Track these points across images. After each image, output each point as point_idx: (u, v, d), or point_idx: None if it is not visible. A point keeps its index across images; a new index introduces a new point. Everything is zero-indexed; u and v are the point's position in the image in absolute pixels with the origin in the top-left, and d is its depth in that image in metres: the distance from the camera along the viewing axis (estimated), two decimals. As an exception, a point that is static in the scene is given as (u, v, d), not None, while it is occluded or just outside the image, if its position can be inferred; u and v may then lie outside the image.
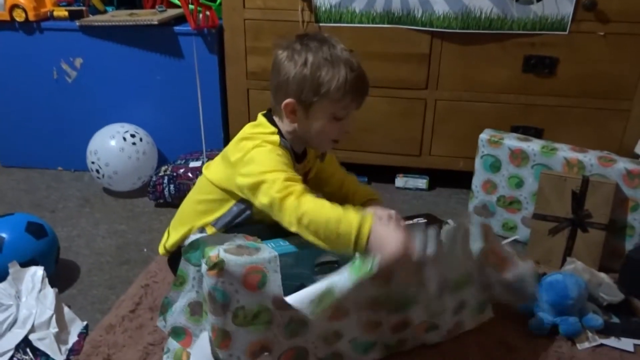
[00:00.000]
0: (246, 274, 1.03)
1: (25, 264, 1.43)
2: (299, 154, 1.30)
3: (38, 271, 1.41)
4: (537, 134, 1.92)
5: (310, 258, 1.13)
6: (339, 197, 1.37)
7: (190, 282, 1.16)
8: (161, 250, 1.43)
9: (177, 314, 1.19)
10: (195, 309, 1.17)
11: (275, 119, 1.26)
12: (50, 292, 1.38)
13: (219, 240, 1.10)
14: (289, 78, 1.16)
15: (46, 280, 1.41)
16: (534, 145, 1.72)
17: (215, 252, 1.03)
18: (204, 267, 1.04)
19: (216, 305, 1.05)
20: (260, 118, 1.27)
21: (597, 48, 1.81)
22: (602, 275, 1.48)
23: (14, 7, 2.05)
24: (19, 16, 2.06)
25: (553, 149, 1.70)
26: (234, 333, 1.07)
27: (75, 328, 1.38)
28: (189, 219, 1.34)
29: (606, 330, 1.36)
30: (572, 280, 1.37)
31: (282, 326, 1.10)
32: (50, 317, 1.33)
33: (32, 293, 1.37)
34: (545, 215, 1.65)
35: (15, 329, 1.30)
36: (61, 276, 1.61)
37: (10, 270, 1.39)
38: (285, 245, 1.12)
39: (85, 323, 1.40)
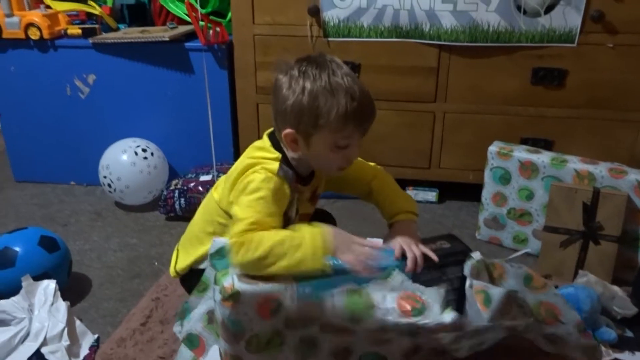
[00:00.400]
0: (261, 303, 1.02)
1: (38, 278, 1.45)
2: (304, 176, 1.24)
3: (50, 284, 1.43)
4: (547, 145, 1.92)
5: (332, 284, 1.08)
6: (368, 195, 1.33)
7: (212, 289, 1.13)
8: (172, 272, 1.38)
9: (195, 321, 1.18)
10: (213, 318, 1.15)
11: (282, 144, 1.21)
12: (62, 305, 1.39)
13: None
14: (287, 108, 1.11)
15: (58, 293, 1.43)
16: (543, 157, 1.72)
17: (230, 282, 1.01)
18: (217, 296, 1.03)
19: (229, 333, 1.04)
20: (265, 140, 1.22)
21: (605, 59, 1.81)
22: (615, 288, 1.46)
23: (29, 25, 2.09)
24: (34, 34, 2.10)
25: (563, 161, 1.69)
26: (247, 359, 1.07)
27: (87, 341, 1.39)
28: (198, 240, 1.31)
29: (620, 344, 1.34)
30: (584, 293, 1.36)
31: (292, 347, 1.09)
32: (62, 330, 1.34)
33: (45, 306, 1.39)
34: (556, 227, 1.64)
35: (27, 342, 1.32)
36: (73, 289, 1.62)
37: (23, 284, 1.41)
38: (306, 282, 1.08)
39: (96, 336, 1.41)
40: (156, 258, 1.82)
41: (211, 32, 2.04)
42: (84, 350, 1.36)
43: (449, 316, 1.08)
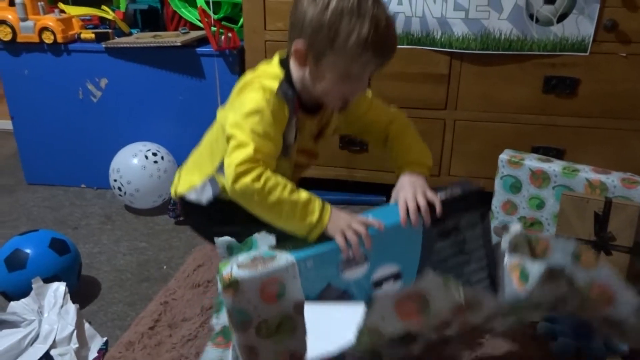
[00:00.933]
0: (263, 288, 1.00)
1: (48, 280, 1.46)
2: (309, 106, 1.16)
3: (60, 287, 1.44)
4: (558, 154, 1.91)
5: (334, 256, 1.06)
6: (385, 141, 1.26)
7: None
8: (172, 192, 1.34)
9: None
10: None
11: (290, 61, 1.12)
12: (71, 308, 1.40)
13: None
14: (305, 19, 1.03)
15: (68, 296, 1.44)
16: (555, 166, 1.71)
17: (228, 271, 0.99)
18: (219, 287, 1.01)
19: (236, 323, 1.03)
20: (275, 58, 1.14)
21: (618, 68, 1.79)
22: (627, 299, 1.44)
23: (43, 29, 2.11)
24: (48, 38, 2.12)
25: (574, 170, 1.68)
26: (260, 346, 1.04)
27: (95, 344, 1.39)
28: (200, 161, 1.28)
29: (632, 355, 1.33)
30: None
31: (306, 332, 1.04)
32: (72, 333, 1.35)
33: (54, 309, 1.39)
34: (567, 237, 1.63)
35: (37, 344, 1.32)
36: (82, 292, 1.63)
37: (34, 286, 1.42)
38: (304, 248, 1.05)
39: (105, 339, 1.42)
40: (165, 262, 1.82)
41: (223, 37, 2.05)
42: (93, 354, 1.36)
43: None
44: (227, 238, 1.13)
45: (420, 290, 0.94)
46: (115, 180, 2.08)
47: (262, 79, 1.10)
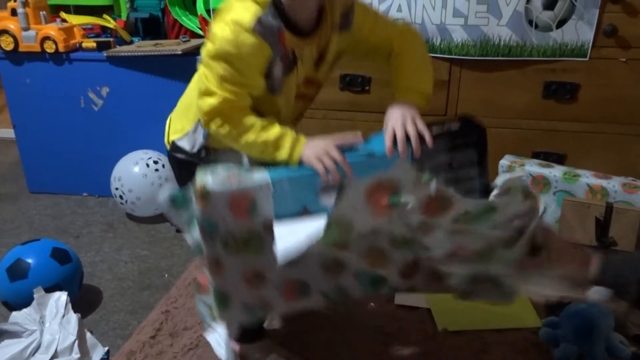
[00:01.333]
0: (232, 202, 0.98)
1: (49, 289, 1.46)
2: (304, 28, 1.05)
3: (62, 296, 1.44)
4: (559, 159, 1.90)
5: (312, 181, 1.00)
6: (389, 60, 1.16)
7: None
8: (165, 141, 1.29)
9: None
10: None
11: None
12: (73, 318, 1.40)
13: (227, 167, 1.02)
14: None
15: (69, 305, 1.44)
16: (555, 172, 1.71)
17: (202, 182, 0.98)
18: (192, 196, 1.00)
19: (205, 234, 1.01)
20: None
21: (618, 74, 1.79)
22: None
23: (45, 39, 2.13)
24: (50, 47, 2.13)
25: (575, 175, 1.68)
26: (225, 261, 1.04)
27: (97, 354, 1.39)
28: (189, 104, 1.19)
29: (634, 361, 1.33)
30: (597, 309, 1.34)
31: (274, 254, 0.99)
32: (73, 343, 1.35)
33: (56, 318, 1.39)
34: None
35: (38, 355, 1.33)
36: (84, 301, 1.63)
37: (35, 296, 1.42)
38: (284, 171, 1.02)
39: (106, 349, 1.42)
40: (166, 270, 1.82)
41: (223, 45, 2.05)
42: (94, 363, 1.36)
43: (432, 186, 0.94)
44: (171, 189, 1.09)
45: (391, 179, 0.93)
46: (116, 189, 2.08)
47: (235, 10, 0.99)
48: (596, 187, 1.64)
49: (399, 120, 1.01)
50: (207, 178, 0.98)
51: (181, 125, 1.22)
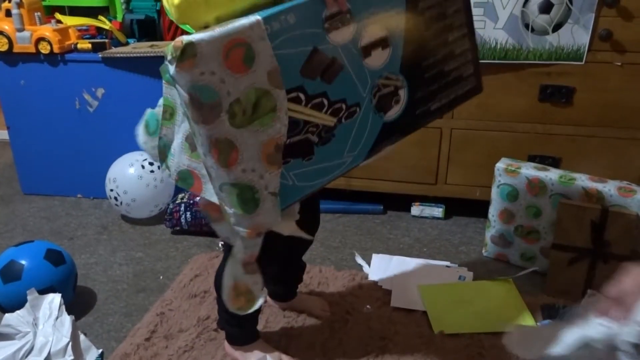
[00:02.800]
0: (226, 52, 0.80)
1: (43, 291, 1.45)
2: None
3: (55, 298, 1.43)
4: (555, 163, 1.91)
5: (316, 9, 0.86)
6: None
7: (180, 110, 0.92)
8: None
9: (178, 155, 0.95)
10: (194, 143, 0.90)
11: None
12: (67, 320, 1.39)
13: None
14: None
15: (63, 307, 1.42)
16: (551, 175, 1.71)
17: (179, 40, 0.79)
18: (170, 66, 0.80)
19: (204, 108, 0.81)
20: None
21: (614, 77, 1.80)
22: (625, 308, 1.44)
23: (40, 40, 2.12)
24: (44, 49, 2.12)
25: (571, 179, 1.68)
26: (239, 138, 0.84)
27: (91, 356, 1.38)
28: None
29: None
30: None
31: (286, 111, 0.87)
32: (67, 345, 1.34)
33: (49, 320, 1.38)
34: (565, 245, 1.63)
35: (31, 357, 1.31)
36: (78, 303, 1.62)
37: (29, 298, 1.41)
38: (277, 7, 0.86)
39: (100, 351, 1.40)
40: (161, 272, 1.81)
41: (219, 47, 2.05)
42: (88, 366, 1.35)
43: None
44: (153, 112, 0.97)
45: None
46: (111, 190, 2.07)
47: None
48: (592, 191, 1.64)
49: None
50: (187, 37, 0.79)
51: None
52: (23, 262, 1.50)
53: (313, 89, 0.88)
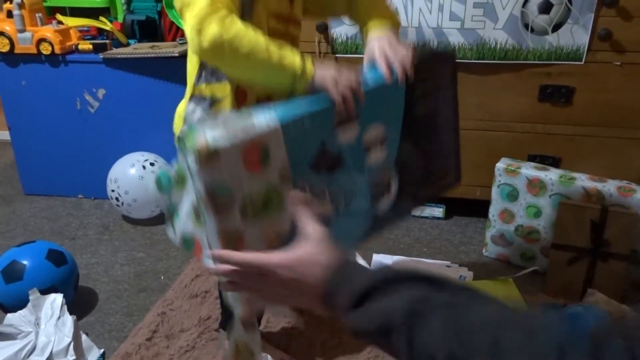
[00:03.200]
0: (245, 154, 0.84)
1: (45, 291, 1.45)
2: None
3: (57, 298, 1.43)
4: (555, 163, 1.91)
5: (328, 115, 0.93)
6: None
7: (189, 179, 0.94)
8: (175, 132, 1.21)
9: (184, 220, 0.98)
10: (199, 212, 0.92)
11: None
12: (69, 320, 1.39)
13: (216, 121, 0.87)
14: None
15: (65, 307, 1.43)
16: (551, 175, 1.71)
17: (203, 140, 0.82)
18: (193, 163, 0.83)
19: (218, 202, 0.84)
20: None
21: (613, 77, 1.81)
22: (625, 307, 1.45)
23: (41, 40, 2.12)
24: (46, 49, 2.13)
25: (571, 179, 1.69)
26: (246, 230, 0.88)
27: (92, 356, 1.38)
28: (185, 93, 1.16)
29: None
30: (593, 313, 1.34)
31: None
32: (68, 345, 1.34)
33: (51, 320, 1.39)
34: (564, 245, 1.63)
35: (34, 357, 1.32)
36: (80, 303, 1.62)
37: (31, 297, 1.41)
38: (292, 106, 0.90)
39: (102, 351, 1.41)
40: (162, 272, 1.82)
41: (220, 48, 2.06)
42: (90, 365, 1.36)
43: None
44: (163, 171, 0.98)
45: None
46: (112, 191, 2.08)
47: None
48: (592, 190, 1.65)
49: (389, 50, 0.99)
50: (209, 134, 0.82)
51: (179, 113, 1.18)
52: (25, 262, 1.51)
53: (318, 181, 0.94)
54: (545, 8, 1.75)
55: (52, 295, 1.44)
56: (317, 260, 0.68)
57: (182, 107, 1.16)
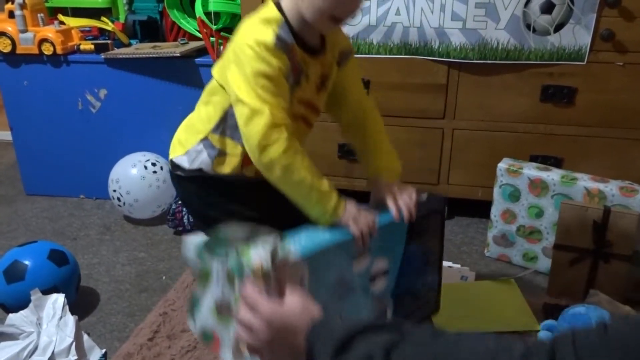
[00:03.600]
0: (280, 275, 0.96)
1: (47, 292, 1.45)
2: (313, 47, 1.14)
3: (59, 298, 1.43)
4: (557, 163, 1.91)
5: (348, 247, 1.08)
6: (355, 125, 1.28)
7: (214, 277, 1.05)
8: (171, 155, 1.31)
9: (206, 315, 1.08)
10: (222, 308, 1.04)
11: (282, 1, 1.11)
12: (70, 320, 1.39)
13: (240, 232, 1.00)
14: None
15: (67, 307, 1.43)
16: (553, 175, 1.71)
17: (258, 262, 0.93)
18: (247, 272, 0.94)
19: None
20: (269, 3, 1.12)
21: (615, 78, 1.80)
22: (627, 308, 1.44)
23: (43, 41, 2.12)
24: (47, 50, 2.13)
25: (573, 179, 1.68)
26: None
27: (94, 356, 1.38)
28: (194, 122, 1.24)
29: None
30: (595, 314, 1.34)
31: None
32: (70, 345, 1.35)
33: (53, 320, 1.39)
34: (567, 245, 1.63)
35: (35, 357, 1.32)
36: (81, 303, 1.62)
37: (32, 298, 1.41)
38: (315, 238, 1.04)
39: (103, 351, 1.41)
40: (164, 272, 1.82)
41: (222, 48, 2.06)
42: (91, 366, 1.36)
43: None
44: (198, 238, 1.06)
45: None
46: (114, 191, 2.08)
47: (255, 31, 1.07)
48: (594, 191, 1.64)
49: (398, 194, 1.18)
50: (263, 256, 0.93)
51: (182, 142, 1.26)
52: (26, 262, 1.51)
53: (333, 308, 1.07)
54: (547, 8, 1.75)
55: (54, 296, 1.44)
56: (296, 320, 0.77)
57: (189, 140, 1.23)
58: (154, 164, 2.09)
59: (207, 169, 1.20)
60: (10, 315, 1.42)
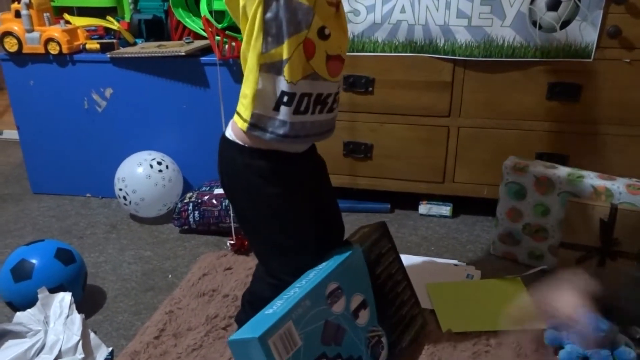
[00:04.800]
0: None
1: (53, 290, 1.46)
2: None
3: (66, 297, 1.44)
4: (563, 161, 1.90)
5: (320, 292, 1.15)
6: None
7: None
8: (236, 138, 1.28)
9: None
10: None
11: None
12: (77, 318, 1.40)
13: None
14: None
15: (74, 306, 1.44)
16: (559, 173, 1.70)
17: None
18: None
19: None
20: None
21: (622, 75, 1.79)
22: (634, 306, 1.43)
23: (49, 40, 2.13)
24: (53, 49, 2.14)
25: (579, 177, 1.67)
26: None
27: (101, 354, 1.39)
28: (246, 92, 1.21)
29: (640, 364, 1.32)
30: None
31: None
32: (77, 343, 1.35)
33: (60, 319, 1.40)
34: (573, 243, 1.62)
35: (43, 355, 1.33)
36: (88, 302, 1.63)
37: (39, 296, 1.42)
38: (292, 294, 1.12)
39: (110, 349, 1.42)
40: (170, 271, 1.82)
41: (227, 47, 2.06)
42: (98, 364, 1.37)
43: None
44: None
45: None
46: (120, 190, 2.08)
47: None
48: (600, 188, 1.64)
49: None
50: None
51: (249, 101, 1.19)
52: (33, 261, 1.52)
53: (331, 352, 1.14)
54: (554, 5, 1.74)
55: (61, 294, 1.45)
56: None
57: (249, 88, 1.18)
58: (159, 163, 2.09)
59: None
60: (18, 313, 1.43)
